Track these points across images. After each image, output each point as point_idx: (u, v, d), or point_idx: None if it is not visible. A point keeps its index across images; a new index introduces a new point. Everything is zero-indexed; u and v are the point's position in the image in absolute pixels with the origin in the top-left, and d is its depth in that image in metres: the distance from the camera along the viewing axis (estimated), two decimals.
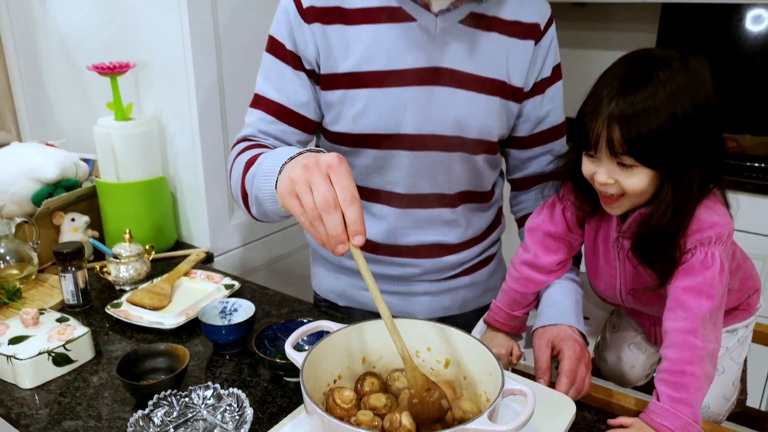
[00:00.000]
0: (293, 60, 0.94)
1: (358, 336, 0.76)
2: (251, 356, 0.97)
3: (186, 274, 1.21)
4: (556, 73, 1.02)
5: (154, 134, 1.31)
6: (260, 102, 0.97)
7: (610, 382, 1.08)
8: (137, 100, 1.36)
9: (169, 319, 1.05)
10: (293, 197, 0.67)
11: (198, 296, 1.13)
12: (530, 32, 0.96)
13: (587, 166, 0.82)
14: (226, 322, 1.00)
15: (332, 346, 0.73)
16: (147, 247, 1.22)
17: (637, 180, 0.77)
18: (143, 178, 1.29)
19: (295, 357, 0.69)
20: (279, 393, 0.88)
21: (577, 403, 0.80)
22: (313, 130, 1.00)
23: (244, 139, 0.97)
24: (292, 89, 0.95)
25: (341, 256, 0.69)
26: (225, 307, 1.02)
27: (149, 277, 1.19)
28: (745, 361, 1.05)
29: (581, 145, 0.82)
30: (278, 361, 0.87)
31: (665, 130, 0.73)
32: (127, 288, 1.17)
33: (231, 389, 0.83)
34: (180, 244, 1.40)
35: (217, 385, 0.83)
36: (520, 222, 1.09)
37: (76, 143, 1.48)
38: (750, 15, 2.23)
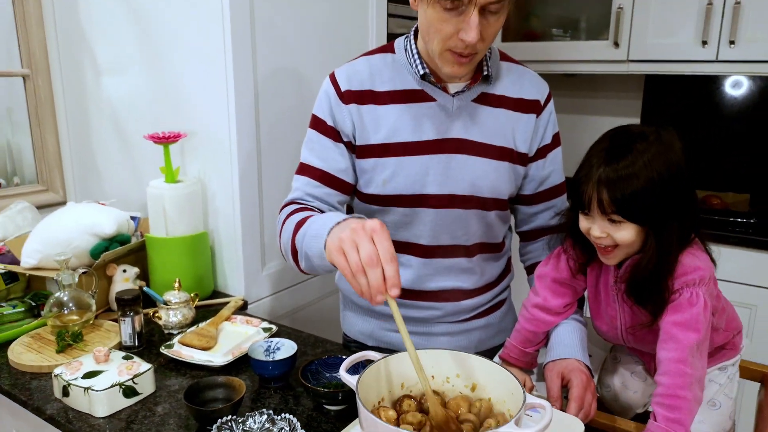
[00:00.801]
0: (333, 134, 1.11)
1: (397, 365, 0.89)
2: (293, 389, 1.09)
3: (227, 319, 1.34)
4: (556, 140, 1.19)
5: (198, 194, 1.47)
6: (306, 169, 1.13)
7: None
8: (183, 164, 1.53)
9: (218, 357, 1.18)
10: (340, 254, 0.82)
11: (240, 338, 1.26)
12: (532, 107, 1.14)
13: (583, 223, 0.98)
14: (271, 359, 1.13)
15: (377, 372, 0.86)
16: (192, 295, 1.36)
17: (626, 233, 0.93)
18: (188, 233, 1.44)
19: (350, 380, 0.82)
20: (323, 419, 1.00)
21: (585, 426, 0.93)
22: (351, 192, 1.16)
23: (293, 202, 1.12)
24: (332, 158, 1.12)
25: (379, 305, 0.83)
26: (269, 346, 1.15)
27: (194, 322, 1.33)
28: None
29: (577, 205, 0.99)
30: (322, 390, 1.00)
31: (645, 191, 0.90)
32: (175, 332, 1.30)
33: (283, 414, 0.95)
34: (216, 293, 1.54)
35: (271, 411, 0.96)
36: (529, 270, 1.24)
37: (121, 203, 1.64)
38: (728, 82, 2.46)
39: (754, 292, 2.00)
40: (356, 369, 0.88)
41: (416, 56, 1.08)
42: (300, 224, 1.00)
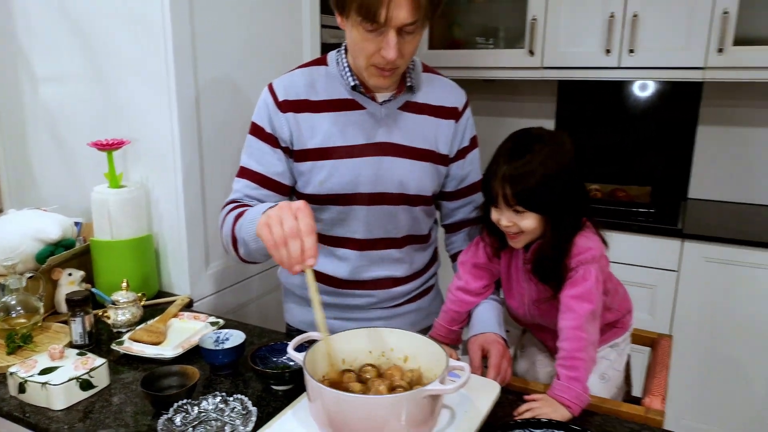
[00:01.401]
0: (271, 140, 1.22)
1: (339, 343, 1.01)
2: (242, 375, 1.19)
3: (175, 315, 1.41)
4: (473, 143, 1.34)
5: (142, 198, 1.54)
6: (245, 173, 1.24)
7: None
8: (125, 170, 1.58)
9: (168, 351, 1.25)
10: (265, 227, 0.94)
11: (189, 333, 1.34)
12: (451, 114, 1.28)
13: (493, 214, 1.14)
14: (221, 348, 1.22)
15: (321, 349, 0.98)
16: (140, 294, 1.42)
17: (528, 222, 1.09)
18: (133, 236, 1.50)
19: (298, 357, 0.93)
20: (272, 399, 1.10)
21: (501, 388, 1.08)
22: (288, 194, 1.27)
23: (233, 202, 1.23)
24: (270, 162, 1.22)
25: (296, 274, 0.96)
26: (219, 337, 1.24)
27: (142, 320, 1.39)
28: (628, 363, 1.37)
29: (488, 200, 1.14)
30: (271, 371, 1.10)
31: (541, 185, 1.06)
32: (124, 330, 1.36)
33: (235, 395, 1.05)
34: (161, 293, 1.61)
35: (224, 393, 1.05)
36: (453, 258, 1.39)
37: (61, 209, 1.67)
38: (631, 86, 2.73)
39: (655, 273, 2.25)
40: (302, 350, 1.00)
41: (347, 69, 1.20)
42: (239, 216, 1.12)
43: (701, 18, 2.25)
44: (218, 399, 1.05)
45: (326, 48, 2.00)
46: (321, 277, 1.28)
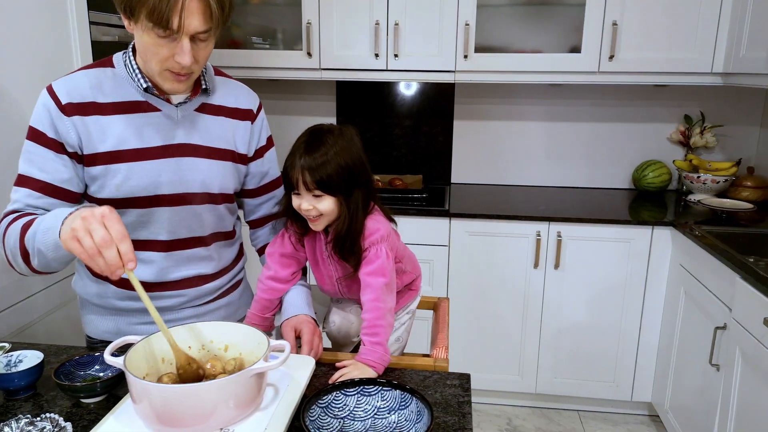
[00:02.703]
0: (56, 145, 1.16)
1: (157, 343, 1.03)
2: (43, 395, 1.11)
3: None
4: (270, 142, 1.42)
5: None
6: (25, 181, 1.15)
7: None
8: None
9: None
10: (75, 241, 0.93)
11: None
12: (247, 115, 1.35)
13: (295, 201, 1.25)
14: (15, 371, 1.13)
15: (141, 350, 0.98)
16: None
17: (326, 204, 1.22)
18: None
19: (117, 361, 0.93)
20: (84, 413, 1.06)
21: (316, 362, 1.19)
22: (77, 201, 1.21)
23: (12, 212, 1.14)
24: (55, 169, 1.16)
25: (118, 278, 0.97)
26: (10, 360, 1.14)
27: None
28: None
29: (288, 187, 1.25)
30: (81, 384, 1.06)
31: (336, 172, 1.20)
32: None
33: (43, 414, 0.99)
34: None
35: (28, 415, 0.99)
36: (260, 252, 1.47)
37: None
38: (398, 86, 3.04)
39: (431, 249, 2.58)
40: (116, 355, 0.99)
41: (137, 71, 1.19)
42: (27, 226, 1.06)
43: (449, 28, 2.62)
44: (23, 422, 0.98)
45: (97, 46, 1.90)
46: (127, 283, 1.25)
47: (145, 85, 1.18)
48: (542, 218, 2.49)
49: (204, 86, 1.25)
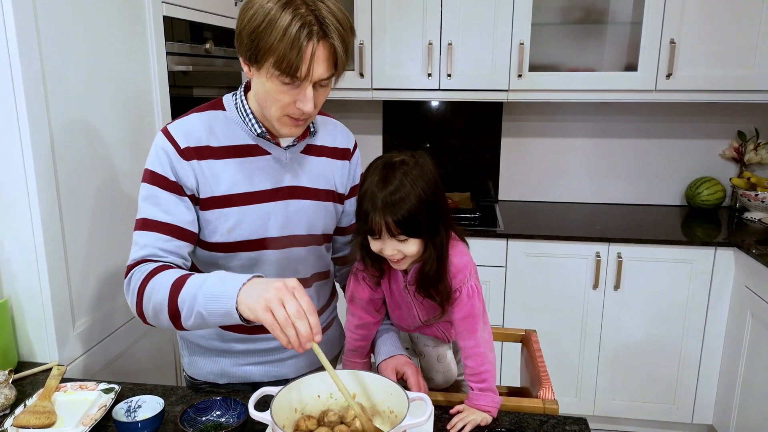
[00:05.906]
0: (176, 188, 1.16)
1: (296, 392, 1.04)
2: None
3: (57, 389, 1.26)
4: (361, 179, 1.42)
5: None
6: (152, 225, 1.15)
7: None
8: None
9: (69, 431, 1.12)
10: (268, 312, 0.94)
11: (84, 405, 1.20)
12: (345, 155, 1.35)
13: (375, 245, 1.14)
14: (133, 419, 1.13)
15: (283, 402, 0.99)
16: (7, 371, 1.24)
17: (411, 246, 1.13)
18: None
19: (263, 416, 0.93)
20: None
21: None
22: (196, 243, 1.21)
23: (145, 260, 1.13)
24: (179, 211, 1.16)
25: (304, 352, 0.97)
26: (129, 406, 1.15)
27: (18, 401, 1.21)
28: None
29: (367, 232, 1.13)
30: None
31: (417, 208, 1.08)
32: None
33: None
34: (22, 364, 1.40)
35: None
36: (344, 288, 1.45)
37: None
38: (448, 105, 3.04)
39: (487, 270, 2.58)
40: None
41: (251, 115, 1.19)
42: (179, 284, 1.05)
43: (503, 47, 2.62)
44: None
45: (173, 76, 1.91)
46: (231, 326, 1.26)
47: (259, 131, 1.19)
48: (602, 239, 2.48)
49: (312, 129, 1.26)
